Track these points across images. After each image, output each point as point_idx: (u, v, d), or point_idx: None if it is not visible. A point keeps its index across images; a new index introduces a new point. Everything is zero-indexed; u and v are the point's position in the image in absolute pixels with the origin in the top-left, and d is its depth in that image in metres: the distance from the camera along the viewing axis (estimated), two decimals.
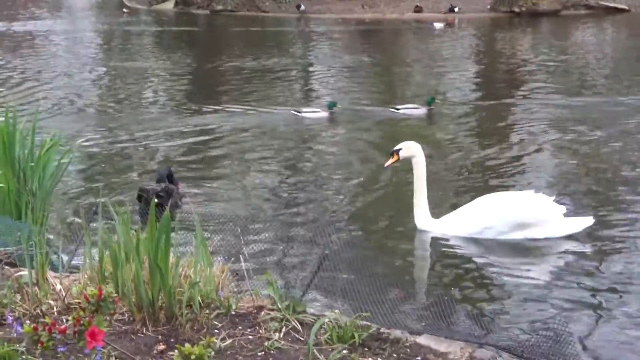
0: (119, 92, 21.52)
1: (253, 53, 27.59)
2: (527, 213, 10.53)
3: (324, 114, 18.08)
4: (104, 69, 25.71)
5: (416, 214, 10.84)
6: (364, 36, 33.25)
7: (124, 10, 42.76)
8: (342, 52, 28.67)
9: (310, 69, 25.58)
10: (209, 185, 13.18)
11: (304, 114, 18.02)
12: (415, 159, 10.92)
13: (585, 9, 36.22)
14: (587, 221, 10.56)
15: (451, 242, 10.57)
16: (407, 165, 11.39)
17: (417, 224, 10.84)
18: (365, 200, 12.22)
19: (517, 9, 35.48)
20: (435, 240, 10.65)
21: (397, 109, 18.13)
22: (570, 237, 10.47)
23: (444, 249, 10.48)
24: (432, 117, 17.96)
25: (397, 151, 11.08)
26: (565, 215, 10.70)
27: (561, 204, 10.92)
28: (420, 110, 18.05)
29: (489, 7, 36.94)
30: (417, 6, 37.42)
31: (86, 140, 15.80)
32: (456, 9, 36.56)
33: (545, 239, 10.47)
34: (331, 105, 18.13)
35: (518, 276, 9.51)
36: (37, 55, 28.08)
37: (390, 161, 11.22)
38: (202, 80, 23.64)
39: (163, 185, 12.16)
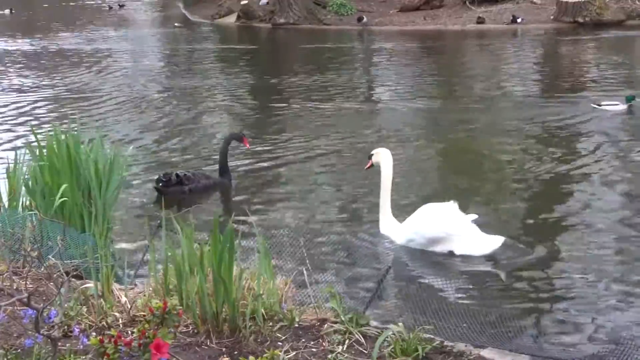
0: (185, 107, 21.49)
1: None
2: (432, 227, 10.39)
3: (622, 106, 18.35)
4: (167, 83, 25.86)
5: (380, 219, 10.98)
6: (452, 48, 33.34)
7: (175, 24, 43.07)
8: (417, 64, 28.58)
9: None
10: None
11: (603, 107, 18.32)
12: (381, 164, 11.14)
13: None
14: (498, 240, 10.28)
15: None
16: None
17: (380, 229, 10.98)
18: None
19: (580, 20, 35.12)
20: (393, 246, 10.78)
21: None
22: (488, 255, 10.27)
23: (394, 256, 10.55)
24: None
25: (371, 156, 11.48)
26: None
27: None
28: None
29: (552, 17, 36.60)
30: (480, 17, 37.19)
31: (150, 153, 16.02)
32: (519, 20, 36.29)
33: (463, 255, 10.28)
34: (630, 99, 18.43)
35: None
36: (101, 71, 28.36)
37: (367, 165, 11.63)
38: (267, 95, 23.68)
39: (177, 172, 13.20)
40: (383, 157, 11.17)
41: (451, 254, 10.32)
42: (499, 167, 14.87)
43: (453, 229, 10.29)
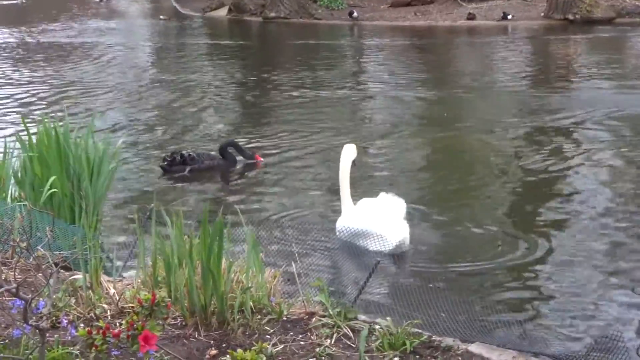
0: (175, 99, 21.45)
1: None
2: (354, 222, 10.25)
3: None
4: (157, 75, 25.81)
5: (342, 212, 10.78)
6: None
7: (161, 17, 43.00)
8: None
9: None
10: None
11: None
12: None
13: None
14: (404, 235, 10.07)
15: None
16: None
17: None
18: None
19: (571, 17, 35.19)
20: None
21: None
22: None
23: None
24: None
25: None
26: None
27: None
28: None
29: (542, 14, 36.68)
30: (470, 13, 37.25)
31: (140, 144, 16.03)
32: (509, 16, 36.35)
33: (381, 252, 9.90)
34: None
35: None
36: (91, 63, 28.30)
37: None
38: (256, 88, 23.65)
39: (182, 152, 13.78)
40: (343, 152, 11.06)
41: (367, 250, 10.07)
42: (485, 161, 14.86)
43: (368, 225, 10.15)
